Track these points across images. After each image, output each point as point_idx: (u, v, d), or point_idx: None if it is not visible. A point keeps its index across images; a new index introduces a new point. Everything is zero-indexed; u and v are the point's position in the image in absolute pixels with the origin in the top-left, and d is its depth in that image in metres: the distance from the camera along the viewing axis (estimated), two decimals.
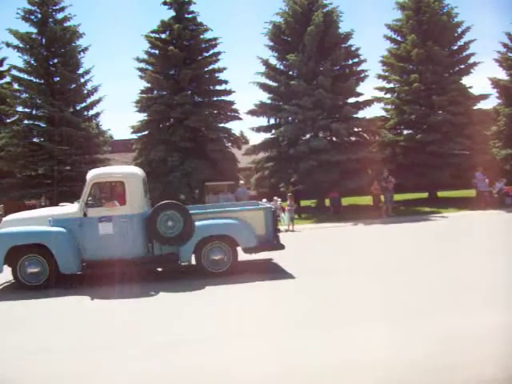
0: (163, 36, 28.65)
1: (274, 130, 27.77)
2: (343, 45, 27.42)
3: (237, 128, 32.64)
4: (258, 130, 28.32)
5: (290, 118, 26.91)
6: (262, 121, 28.49)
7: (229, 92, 28.88)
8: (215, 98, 29.13)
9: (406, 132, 29.23)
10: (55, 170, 25.87)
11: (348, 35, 27.59)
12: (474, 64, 28.47)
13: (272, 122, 28.07)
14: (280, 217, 21.19)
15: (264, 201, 22.35)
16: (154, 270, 12.11)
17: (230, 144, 29.33)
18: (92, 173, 11.73)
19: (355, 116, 27.23)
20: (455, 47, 28.95)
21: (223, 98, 29.17)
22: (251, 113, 28.04)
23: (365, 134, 28.39)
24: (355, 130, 27.78)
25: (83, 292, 10.47)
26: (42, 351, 7.01)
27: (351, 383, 5.64)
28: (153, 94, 28.40)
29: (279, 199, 21.77)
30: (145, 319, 8.52)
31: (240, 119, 29.38)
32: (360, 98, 28.05)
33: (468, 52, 28.78)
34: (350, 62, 28.07)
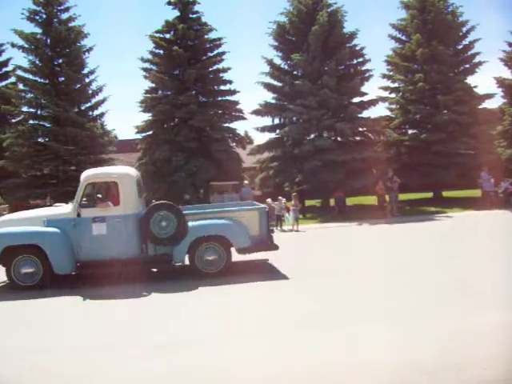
0: (168, 36, 28.62)
1: (278, 130, 27.73)
2: (348, 44, 27.32)
3: (241, 128, 32.78)
4: (263, 129, 28.27)
5: (295, 118, 26.86)
6: (267, 121, 28.47)
7: (233, 92, 28.85)
8: (220, 98, 29.10)
9: (410, 132, 29.12)
10: (60, 170, 25.94)
11: (353, 35, 27.51)
12: (479, 63, 28.31)
13: (276, 121, 28.03)
14: (284, 217, 21.19)
15: (269, 200, 22.44)
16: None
17: (234, 144, 29.29)
18: (86, 173, 11.75)
19: (360, 116, 27.16)
20: (460, 46, 28.79)
21: (228, 97, 29.13)
22: (256, 113, 27.99)
23: (369, 134, 28.30)
24: (360, 129, 27.69)
25: (79, 292, 10.49)
26: (42, 351, 7.02)
27: (351, 383, 5.63)
28: (157, 94, 28.40)
29: (284, 199, 21.73)
30: (143, 319, 8.53)
31: (244, 119, 29.37)
32: (365, 98, 27.98)
33: (473, 51, 28.62)
34: (355, 61, 27.97)
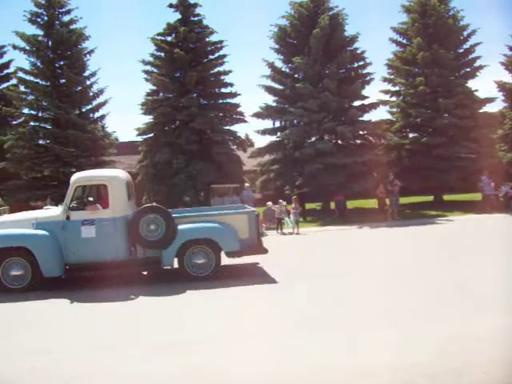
0: (169, 39, 28.68)
1: (279, 133, 27.72)
2: (349, 48, 27.34)
3: (242, 131, 33.07)
4: (264, 132, 28.28)
5: (296, 121, 26.85)
6: (268, 123, 28.45)
7: (234, 94, 28.86)
8: (221, 101, 29.11)
9: (411, 135, 29.07)
10: (61, 172, 25.94)
11: (354, 38, 27.52)
12: (480, 67, 28.33)
13: (277, 124, 28.01)
14: (284, 220, 21.19)
15: (269, 204, 22.47)
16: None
17: (235, 147, 29.29)
18: (75, 176, 11.79)
19: (361, 119, 27.17)
20: (461, 50, 28.80)
21: (229, 100, 29.14)
22: (256, 115, 27.99)
23: (370, 137, 28.28)
24: (361, 132, 27.67)
25: (77, 293, 10.53)
26: (42, 351, 7.02)
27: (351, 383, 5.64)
28: (158, 97, 28.41)
29: (284, 202, 21.74)
30: (142, 320, 8.53)
31: (245, 122, 29.40)
32: (365, 101, 27.95)
33: (474, 55, 28.62)
34: (356, 64, 27.99)
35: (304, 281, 10.78)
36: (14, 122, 28.70)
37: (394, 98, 29.54)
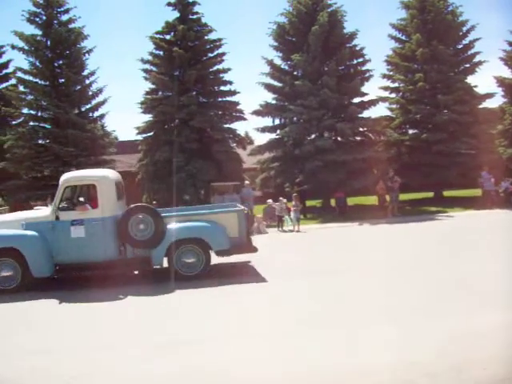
0: (168, 37, 28.63)
1: (279, 131, 27.74)
2: (348, 44, 27.35)
3: (242, 128, 32.84)
4: (263, 130, 28.28)
5: (295, 118, 26.86)
6: (267, 121, 28.47)
7: (233, 92, 28.83)
8: (220, 99, 29.08)
9: (411, 131, 29.10)
10: (60, 172, 25.68)
11: (353, 35, 27.52)
12: (479, 63, 28.31)
13: (277, 122, 28.04)
14: (284, 218, 21.17)
15: (270, 201, 22.47)
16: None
17: (235, 144, 29.26)
18: (64, 176, 11.77)
19: (360, 116, 27.18)
20: (460, 46, 28.81)
21: (228, 98, 29.13)
22: (256, 113, 28.01)
23: (370, 134, 28.31)
24: (360, 129, 27.71)
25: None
26: (42, 351, 7.02)
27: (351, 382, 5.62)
28: (158, 95, 28.38)
29: (284, 199, 21.73)
30: (140, 320, 8.53)
31: (245, 120, 29.34)
32: (365, 98, 27.98)
33: (473, 51, 28.63)
34: (355, 61, 27.98)
35: (304, 278, 10.77)
36: (14, 122, 28.67)
37: (393, 95, 29.55)
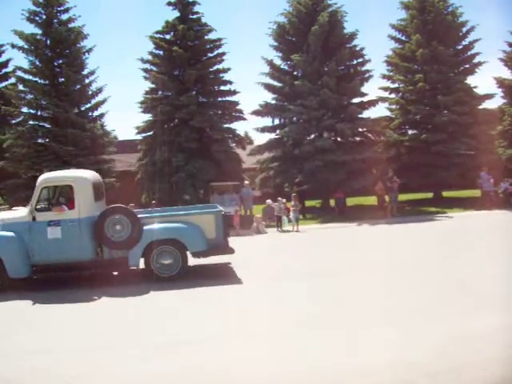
0: (168, 37, 28.62)
1: (278, 130, 27.73)
2: (348, 45, 27.35)
3: (241, 128, 32.84)
4: (263, 130, 28.26)
5: (295, 118, 26.86)
6: (267, 121, 28.45)
7: (233, 92, 28.83)
8: (220, 99, 29.07)
9: (410, 132, 29.08)
10: None
11: (352, 35, 27.51)
12: (479, 63, 28.32)
13: (276, 122, 28.03)
14: (282, 218, 21.15)
15: (269, 201, 22.49)
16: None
17: (234, 144, 29.26)
18: (42, 177, 11.80)
19: (360, 116, 27.18)
20: (460, 47, 28.80)
21: (228, 98, 29.12)
22: (256, 113, 28.00)
23: (370, 134, 28.31)
24: (360, 130, 27.70)
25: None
26: (42, 351, 7.02)
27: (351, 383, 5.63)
28: (157, 95, 28.38)
29: (283, 200, 21.73)
30: (140, 320, 8.53)
31: (244, 119, 29.32)
32: (365, 98, 27.98)
33: (473, 51, 28.64)
34: (355, 62, 27.96)
35: (303, 279, 10.77)
36: (13, 121, 28.59)
37: (393, 95, 29.54)
